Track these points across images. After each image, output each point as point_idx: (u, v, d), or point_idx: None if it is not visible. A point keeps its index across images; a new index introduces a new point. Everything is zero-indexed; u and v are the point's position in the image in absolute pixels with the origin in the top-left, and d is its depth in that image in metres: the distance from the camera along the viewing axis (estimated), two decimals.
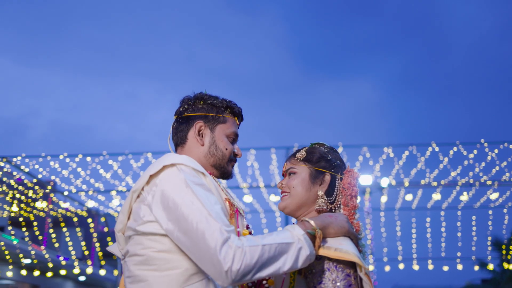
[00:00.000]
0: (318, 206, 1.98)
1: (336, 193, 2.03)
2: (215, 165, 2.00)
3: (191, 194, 1.68)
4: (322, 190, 2.01)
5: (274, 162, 10.68)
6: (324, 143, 2.15)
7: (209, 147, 1.99)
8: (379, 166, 11.12)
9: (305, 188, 2.00)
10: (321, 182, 2.02)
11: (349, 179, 2.03)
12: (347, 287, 1.77)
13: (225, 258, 1.54)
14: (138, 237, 1.77)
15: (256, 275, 1.59)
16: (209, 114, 2.02)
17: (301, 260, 1.68)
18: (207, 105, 2.04)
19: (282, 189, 2.06)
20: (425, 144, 10.50)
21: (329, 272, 1.80)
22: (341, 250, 1.75)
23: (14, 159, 10.72)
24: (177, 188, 1.70)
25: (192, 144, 2.00)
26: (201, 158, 1.98)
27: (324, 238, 1.80)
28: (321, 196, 1.99)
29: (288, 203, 2.01)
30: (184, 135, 2.02)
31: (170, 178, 1.74)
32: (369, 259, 2.20)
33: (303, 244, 1.69)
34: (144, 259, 1.74)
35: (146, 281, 1.72)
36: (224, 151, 2.00)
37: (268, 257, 1.61)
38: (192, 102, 2.05)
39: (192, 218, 1.62)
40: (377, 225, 14.36)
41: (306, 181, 2.01)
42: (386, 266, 15.38)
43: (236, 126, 2.09)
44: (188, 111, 2.03)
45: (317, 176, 2.02)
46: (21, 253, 14.95)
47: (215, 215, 1.62)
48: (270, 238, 1.65)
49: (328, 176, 2.03)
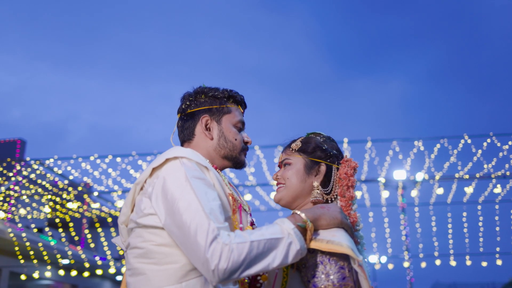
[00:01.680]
0: (314, 197, 1.93)
1: (332, 183, 1.97)
2: (226, 156, 1.98)
3: (189, 189, 1.66)
4: (317, 181, 1.95)
5: None
6: (320, 132, 2.09)
7: (218, 139, 1.97)
8: (411, 160, 10.87)
9: (300, 179, 1.95)
10: (316, 173, 1.96)
11: (345, 169, 1.96)
12: (341, 280, 1.70)
13: (212, 256, 1.51)
14: (139, 229, 1.77)
15: (245, 272, 1.55)
16: (212, 106, 2.00)
17: (292, 255, 1.62)
18: (209, 97, 2.02)
19: (278, 181, 2.01)
20: (457, 136, 10.21)
21: (322, 265, 1.74)
22: (334, 242, 1.69)
23: (47, 161, 10.95)
24: (176, 182, 1.69)
25: (200, 139, 1.98)
26: (210, 152, 1.96)
27: (316, 230, 1.75)
28: (317, 187, 1.94)
29: (283, 194, 1.96)
30: (191, 132, 2.00)
31: (171, 171, 1.73)
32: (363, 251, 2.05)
33: (293, 238, 1.63)
34: (143, 252, 1.74)
35: (144, 275, 1.72)
36: (234, 142, 1.98)
37: (257, 253, 1.56)
38: (194, 97, 2.03)
39: (187, 214, 1.60)
40: (412, 220, 14.09)
41: (301, 172, 1.96)
42: (422, 263, 15.09)
43: (241, 114, 2.07)
44: (191, 107, 2.01)
45: (312, 167, 1.97)
46: (59, 254, 15.29)
47: (209, 212, 1.59)
48: (258, 233, 1.60)
49: (324, 166, 1.97)
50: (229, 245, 1.52)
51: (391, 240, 14.71)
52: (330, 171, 1.98)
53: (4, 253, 15.17)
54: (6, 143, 17.96)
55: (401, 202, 13.38)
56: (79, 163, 10.99)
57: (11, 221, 14.82)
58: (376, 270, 22.00)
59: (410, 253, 13.81)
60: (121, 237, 1.93)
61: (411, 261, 13.83)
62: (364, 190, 12.58)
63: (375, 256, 17.18)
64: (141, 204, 1.77)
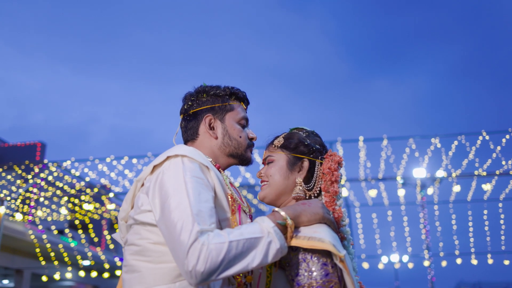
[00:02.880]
0: (295, 194, 1.90)
1: (315, 179, 1.93)
2: (232, 154, 1.97)
3: (183, 187, 1.64)
4: (300, 177, 1.92)
5: None
6: (303, 127, 2.05)
7: (222, 138, 1.96)
8: (428, 158, 10.71)
9: (283, 176, 1.91)
10: (300, 169, 1.93)
11: (329, 163, 1.92)
12: (324, 276, 1.66)
13: (191, 257, 1.49)
14: (137, 226, 1.77)
15: (223, 273, 1.51)
16: (215, 105, 1.99)
17: (271, 254, 1.59)
18: (211, 96, 2.01)
19: (261, 179, 1.98)
20: (475, 133, 10.01)
21: (305, 263, 1.70)
22: (315, 239, 1.65)
23: (64, 164, 11.07)
24: (172, 179, 1.68)
25: (204, 138, 1.97)
26: (214, 151, 1.96)
27: (298, 227, 1.71)
28: (299, 183, 1.91)
29: (267, 192, 1.93)
30: (194, 132, 1.99)
31: (170, 168, 1.72)
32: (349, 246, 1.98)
33: (273, 237, 1.59)
34: (140, 250, 1.73)
35: (139, 272, 1.71)
36: (238, 139, 1.97)
37: (236, 253, 1.52)
38: (195, 97, 2.02)
39: (175, 212, 1.59)
40: (431, 219, 13.88)
41: (284, 169, 1.92)
42: (443, 261, 14.87)
43: (244, 111, 2.05)
44: (193, 106, 2.00)
45: (295, 163, 1.93)
46: (79, 255, 15.47)
47: (197, 213, 1.57)
48: (237, 233, 1.57)
49: (307, 162, 1.93)
50: (207, 245, 1.49)
51: (411, 239, 14.56)
52: (313, 166, 1.94)
53: (25, 254, 15.41)
54: (26, 146, 18.24)
55: (420, 200, 13.20)
56: (96, 165, 11.08)
57: (32, 223, 15.04)
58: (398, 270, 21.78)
59: (430, 252, 13.61)
60: (120, 233, 1.94)
61: (431, 260, 13.62)
62: (382, 189, 12.45)
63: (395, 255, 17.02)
64: (138, 201, 1.78)
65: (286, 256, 1.75)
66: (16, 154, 17.55)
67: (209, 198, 1.67)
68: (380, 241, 14.83)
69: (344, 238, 1.90)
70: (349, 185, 12.16)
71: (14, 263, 15.21)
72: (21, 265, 15.45)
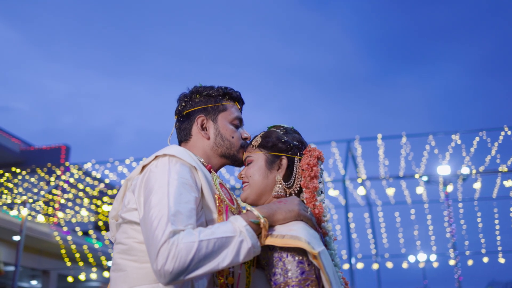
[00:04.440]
0: (275, 192, 1.88)
1: (294, 176, 1.91)
2: (224, 155, 1.98)
3: (165, 186, 1.65)
4: (280, 174, 1.90)
5: (337, 156, 10.41)
6: (281, 124, 2.03)
7: (215, 138, 1.97)
8: (449, 154, 10.51)
9: (262, 176, 1.90)
10: (278, 167, 1.91)
11: (308, 159, 1.90)
12: (299, 275, 1.63)
13: (160, 257, 1.49)
14: (124, 225, 1.79)
15: (193, 273, 1.51)
16: (207, 105, 2.00)
17: (243, 254, 1.58)
18: (204, 97, 2.02)
19: (242, 180, 1.97)
20: (497, 128, 9.77)
21: (281, 261, 1.68)
22: (289, 237, 1.63)
23: (85, 166, 11.22)
24: (158, 178, 1.69)
25: (196, 139, 1.99)
26: (207, 151, 1.97)
27: (273, 226, 1.70)
28: (279, 181, 1.89)
29: (248, 193, 1.92)
30: (188, 132, 2.01)
31: (157, 167, 1.74)
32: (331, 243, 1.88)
33: (245, 236, 1.59)
34: (126, 249, 1.75)
35: (125, 271, 1.73)
36: (231, 140, 1.98)
37: (206, 253, 1.52)
38: (189, 97, 2.04)
39: (153, 210, 1.60)
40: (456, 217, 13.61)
41: (263, 168, 1.91)
42: (469, 260, 14.57)
43: (238, 111, 2.06)
44: (187, 107, 2.02)
45: (273, 161, 1.91)
46: (103, 256, 15.68)
47: (173, 213, 1.58)
48: (208, 232, 1.56)
49: (285, 159, 1.92)
50: (176, 245, 1.49)
51: (435, 237, 14.32)
52: (292, 163, 1.92)
53: (51, 255, 15.71)
54: (51, 150, 18.59)
55: (444, 197, 12.97)
56: (116, 167, 11.20)
57: (57, 225, 15.31)
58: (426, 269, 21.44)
59: (457, 251, 13.37)
60: (111, 232, 1.96)
61: (458, 259, 13.38)
62: (403, 187, 12.28)
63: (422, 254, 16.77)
64: (125, 199, 1.80)
65: (264, 256, 1.74)
66: (41, 157, 17.89)
67: (191, 199, 1.67)
68: (403, 240, 14.64)
69: (326, 234, 1.87)
70: (370, 184, 12.03)
71: (41, 264, 15.52)
72: (47, 266, 15.75)
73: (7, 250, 13.39)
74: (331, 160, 10.27)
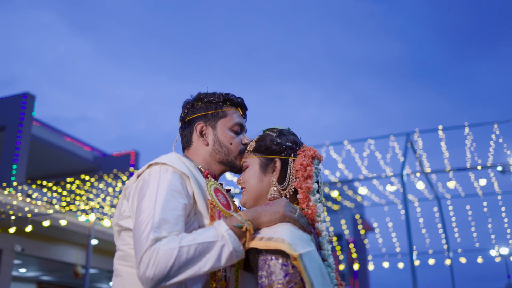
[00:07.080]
0: (270, 195, 1.87)
1: (288, 177, 1.89)
2: (222, 161, 2.00)
3: (153, 195, 1.70)
4: (274, 177, 1.89)
5: (397, 149, 10.10)
6: (275, 127, 2.02)
7: (213, 145, 1.99)
8: None
9: (257, 180, 1.90)
10: (273, 169, 1.90)
11: (301, 159, 1.88)
12: (283, 277, 1.62)
13: (142, 264, 1.54)
14: (122, 232, 1.86)
15: (174, 278, 1.54)
16: (208, 112, 2.03)
17: (224, 258, 1.59)
18: (205, 103, 2.05)
19: (240, 185, 1.97)
20: None
21: (266, 264, 1.67)
22: (273, 239, 1.62)
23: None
24: (147, 185, 1.74)
25: (196, 146, 2.02)
26: (206, 158, 2.00)
27: (259, 229, 1.70)
28: (273, 183, 1.88)
29: (246, 198, 1.92)
30: (189, 139, 2.04)
31: (150, 175, 1.79)
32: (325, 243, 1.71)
33: (226, 240, 1.60)
34: (123, 255, 1.82)
35: (121, 277, 1.79)
36: (229, 146, 1.99)
37: (187, 259, 1.54)
38: (191, 104, 2.07)
39: (140, 218, 1.65)
40: None
41: (257, 172, 1.91)
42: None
43: (239, 117, 2.07)
44: (189, 114, 2.06)
45: (267, 164, 1.91)
46: None
47: (159, 220, 1.62)
48: (190, 238, 1.59)
49: (279, 161, 1.90)
50: (157, 252, 1.53)
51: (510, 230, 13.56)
52: (286, 165, 1.90)
53: None
54: (121, 156, 19.36)
55: None
56: None
57: None
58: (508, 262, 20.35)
59: None
60: (115, 238, 2.02)
61: None
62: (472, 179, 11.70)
63: (505, 248, 15.93)
64: (122, 207, 1.87)
65: (253, 259, 1.74)
66: (112, 163, 18.65)
67: (178, 206, 1.69)
68: (476, 234, 14.00)
69: (320, 234, 1.84)
70: (435, 177, 11.58)
71: None
72: None
73: (85, 254, 14.08)
74: (389, 155, 9.98)
